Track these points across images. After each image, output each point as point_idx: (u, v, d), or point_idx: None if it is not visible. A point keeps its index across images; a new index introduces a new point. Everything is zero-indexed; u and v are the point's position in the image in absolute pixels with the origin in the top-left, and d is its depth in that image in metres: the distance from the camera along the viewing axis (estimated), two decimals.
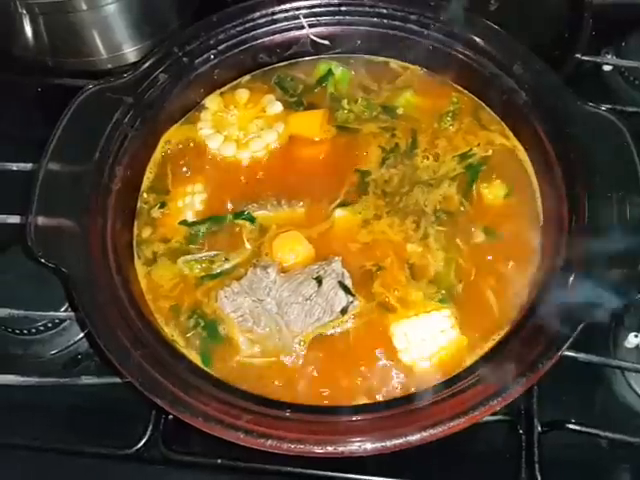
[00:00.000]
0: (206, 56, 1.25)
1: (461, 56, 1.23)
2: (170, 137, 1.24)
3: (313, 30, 1.28)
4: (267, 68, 1.31)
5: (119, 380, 1.09)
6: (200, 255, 1.12)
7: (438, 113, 1.24)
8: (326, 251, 1.11)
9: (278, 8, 1.26)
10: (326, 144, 1.23)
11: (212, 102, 1.27)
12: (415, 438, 0.89)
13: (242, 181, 1.20)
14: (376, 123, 1.24)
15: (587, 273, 0.98)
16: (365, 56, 1.31)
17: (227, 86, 1.30)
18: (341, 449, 0.89)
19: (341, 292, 1.05)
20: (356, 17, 1.27)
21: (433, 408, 0.91)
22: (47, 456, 1.13)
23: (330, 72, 1.29)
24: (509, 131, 1.21)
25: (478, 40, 1.21)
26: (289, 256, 1.10)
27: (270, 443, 0.89)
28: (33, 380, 1.16)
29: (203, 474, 1.11)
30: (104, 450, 1.12)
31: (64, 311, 1.22)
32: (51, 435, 1.15)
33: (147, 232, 1.15)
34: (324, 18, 1.28)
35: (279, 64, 1.31)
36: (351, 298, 1.06)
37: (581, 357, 1.09)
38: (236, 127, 1.24)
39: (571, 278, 0.98)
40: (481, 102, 1.25)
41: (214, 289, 1.09)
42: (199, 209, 1.17)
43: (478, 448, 1.13)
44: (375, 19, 1.26)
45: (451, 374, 0.97)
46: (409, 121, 1.24)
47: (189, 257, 1.12)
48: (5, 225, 1.28)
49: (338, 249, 1.11)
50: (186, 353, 1.03)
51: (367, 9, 1.26)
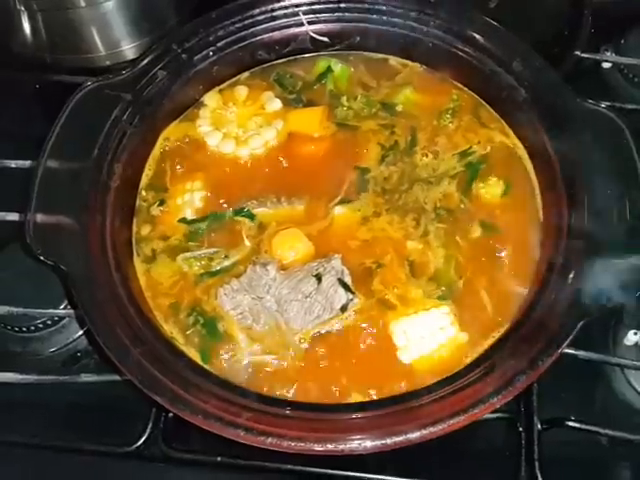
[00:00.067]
0: (205, 53, 1.24)
1: (461, 53, 1.22)
2: (169, 134, 1.24)
3: (312, 27, 1.28)
4: (266, 65, 1.31)
5: (118, 378, 1.09)
6: (199, 252, 1.12)
7: (437, 110, 1.23)
8: (326, 248, 1.10)
9: (277, 5, 1.26)
10: (325, 141, 1.22)
11: (211, 99, 1.27)
12: (415, 436, 0.89)
13: (241, 178, 1.19)
14: (375, 120, 1.23)
15: (587, 270, 0.97)
16: (364, 53, 1.30)
17: (226, 83, 1.29)
18: (341, 447, 0.89)
19: (341, 289, 1.05)
20: (355, 14, 1.27)
21: (433, 406, 0.91)
22: (46, 454, 1.13)
23: (329, 69, 1.28)
24: (509, 129, 1.21)
25: (478, 37, 1.21)
26: (289, 253, 1.10)
27: (270, 441, 0.89)
28: (32, 378, 1.16)
29: (203, 472, 1.11)
30: (104, 448, 1.12)
31: (63, 309, 1.22)
32: (50, 433, 1.15)
33: (146, 229, 1.15)
34: (323, 15, 1.27)
35: (278, 61, 1.31)
36: (351, 295, 1.06)
37: (581, 354, 1.09)
38: (235, 124, 1.24)
39: (571, 275, 0.98)
40: (481, 99, 1.25)
41: (213, 286, 1.08)
42: (198, 206, 1.17)
43: (478, 446, 1.14)
44: (374, 16, 1.26)
45: (451, 371, 0.97)
46: (408, 118, 1.23)
47: (188, 254, 1.11)
48: (4, 222, 1.28)
49: (338, 246, 1.11)
50: (185, 350, 1.03)
51: (366, 6, 1.26)
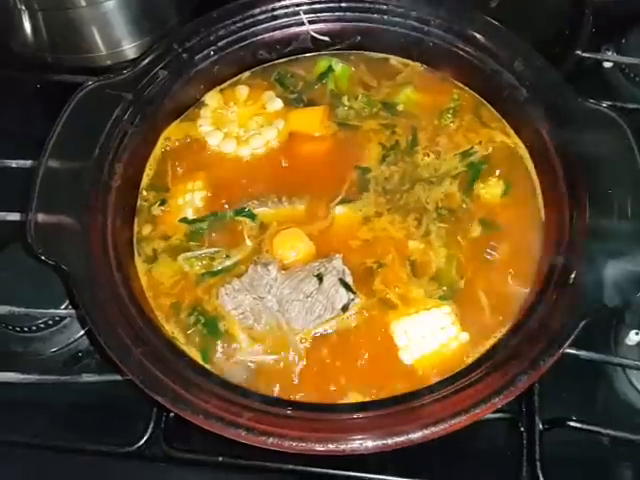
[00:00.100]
0: (206, 52, 1.24)
1: (462, 53, 1.22)
2: (170, 134, 1.24)
3: (313, 26, 1.28)
4: (267, 64, 1.31)
5: (120, 378, 1.09)
6: (201, 252, 1.11)
7: (438, 110, 1.23)
8: (327, 248, 1.10)
9: (278, 4, 1.26)
10: (326, 141, 1.22)
11: (212, 99, 1.27)
12: (416, 436, 0.89)
13: (242, 178, 1.19)
14: (376, 120, 1.23)
15: (588, 270, 0.97)
16: (365, 52, 1.30)
17: (227, 83, 1.29)
18: (342, 447, 0.89)
19: (342, 289, 1.05)
20: (356, 13, 1.27)
21: (434, 406, 0.91)
22: (47, 454, 1.13)
23: (330, 69, 1.28)
24: (510, 128, 1.21)
25: (479, 37, 1.21)
26: (290, 253, 1.10)
27: (271, 441, 0.89)
28: (33, 378, 1.15)
29: (204, 472, 1.11)
30: (105, 448, 1.12)
31: (64, 309, 1.22)
32: (52, 433, 1.15)
33: (147, 229, 1.15)
34: (324, 14, 1.27)
35: (279, 60, 1.30)
36: (352, 295, 1.06)
37: (582, 354, 1.09)
38: (236, 124, 1.24)
39: (572, 275, 0.98)
40: (482, 99, 1.25)
41: (215, 286, 1.08)
42: (199, 206, 1.17)
43: (479, 446, 1.13)
44: (375, 15, 1.26)
45: (452, 371, 0.97)
46: (409, 118, 1.23)
47: (189, 254, 1.11)
48: (5, 222, 1.28)
49: (339, 246, 1.11)
50: (187, 350, 1.03)
51: (367, 5, 1.26)
